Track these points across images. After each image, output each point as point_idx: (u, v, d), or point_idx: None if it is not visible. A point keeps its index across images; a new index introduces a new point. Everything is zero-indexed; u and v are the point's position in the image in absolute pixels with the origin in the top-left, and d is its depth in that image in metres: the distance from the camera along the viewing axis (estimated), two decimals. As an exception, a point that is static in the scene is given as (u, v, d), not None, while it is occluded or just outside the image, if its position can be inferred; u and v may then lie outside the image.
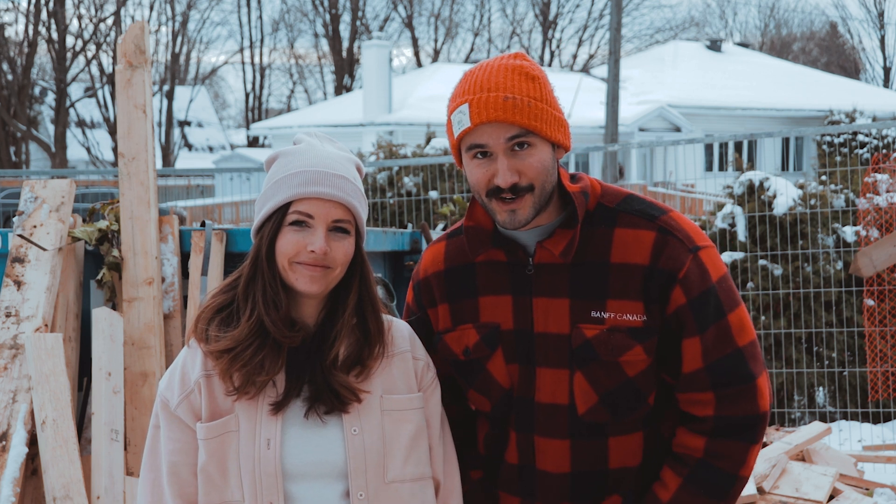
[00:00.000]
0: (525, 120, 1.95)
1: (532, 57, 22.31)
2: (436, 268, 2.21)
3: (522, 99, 1.95)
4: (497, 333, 2.10)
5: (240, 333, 1.98)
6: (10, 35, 32.87)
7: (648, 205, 2.08)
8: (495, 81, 1.97)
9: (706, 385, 2.02)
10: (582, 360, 2.02)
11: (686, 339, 2.02)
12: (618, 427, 2.06)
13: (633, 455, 2.08)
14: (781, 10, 58.51)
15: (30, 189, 4.34)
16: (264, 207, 2.02)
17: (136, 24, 4.42)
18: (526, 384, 2.08)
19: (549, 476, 2.09)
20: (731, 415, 2.01)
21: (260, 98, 46.44)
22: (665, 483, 2.06)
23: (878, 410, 7.50)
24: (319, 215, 1.98)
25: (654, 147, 13.69)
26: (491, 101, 1.95)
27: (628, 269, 2.01)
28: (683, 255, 2.01)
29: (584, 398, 2.04)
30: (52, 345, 3.85)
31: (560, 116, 2.02)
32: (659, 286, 2.00)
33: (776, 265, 7.75)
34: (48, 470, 3.68)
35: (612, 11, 17.31)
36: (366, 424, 2.00)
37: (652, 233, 2.02)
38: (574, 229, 2.03)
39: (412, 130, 25.34)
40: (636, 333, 2.01)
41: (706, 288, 2.01)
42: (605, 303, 2.01)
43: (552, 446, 2.07)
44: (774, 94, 31.77)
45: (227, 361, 1.97)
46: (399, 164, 9.10)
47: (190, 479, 2.01)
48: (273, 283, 2.00)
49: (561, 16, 44.97)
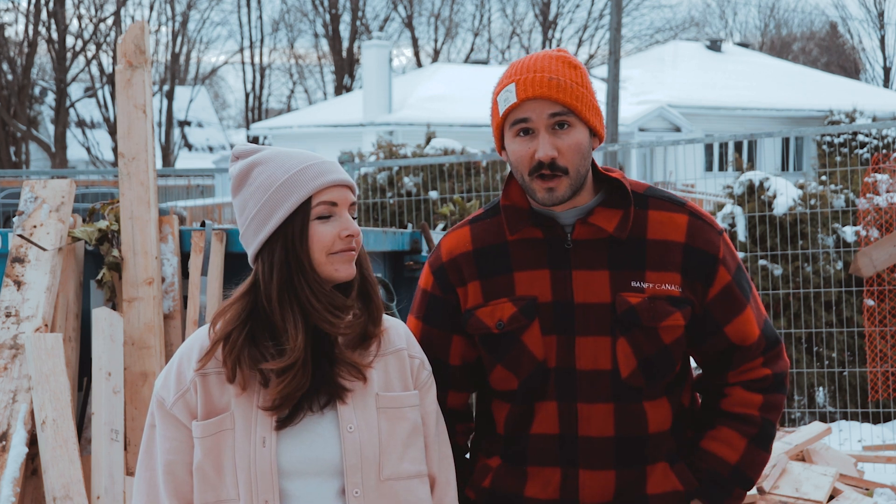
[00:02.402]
0: (568, 99, 2.09)
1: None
2: (463, 248, 2.26)
3: (565, 81, 2.09)
4: (534, 305, 2.17)
5: (295, 345, 1.96)
6: (10, 35, 32.87)
7: (671, 194, 2.26)
8: (541, 65, 2.11)
9: (761, 350, 2.22)
10: (626, 325, 2.14)
11: (741, 314, 2.20)
12: (650, 392, 2.19)
13: (665, 420, 2.21)
14: (781, 10, 58.46)
15: (30, 189, 4.34)
16: (275, 214, 1.99)
17: (136, 24, 4.42)
18: (566, 354, 2.16)
19: (593, 441, 2.17)
20: (779, 371, 2.24)
21: (260, 98, 46.42)
22: (731, 444, 2.22)
23: (878, 410, 7.50)
24: (341, 201, 2.02)
25: (654, 147, 13.69)
26: (537, 80, 2.09)
27: (665, 245, 2.17)
28: (716, 238, 2.20)
29: (626, 363, 2.15)
30: (52, 345, 3.85)
31: (598, 105, 2.16)
32: (701, 266, 2.18)
33: (776, 265, 7.75)
34: (48, 470, 3.68)
35: (612, 11, 17.31)
36: (361, 422, 2.01)
37: (684, 216, 2.20)
38: (625, 209, 2.17)
39: (412, 130, 25.33)
40: (675, 301, 2.16)
41: (738, 263, 2.24)
42: (644, 273, 2.15)
43: (597, 411, 2.16)
44: (774, 94, 31.75)
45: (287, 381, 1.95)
46: (399, 164, 9.10)
47: (185, 478, 2.01)
48: (321, 280, 2.00)
49: (561, 16, 44.95)
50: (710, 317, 2.19)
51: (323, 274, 2.00)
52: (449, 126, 24.49)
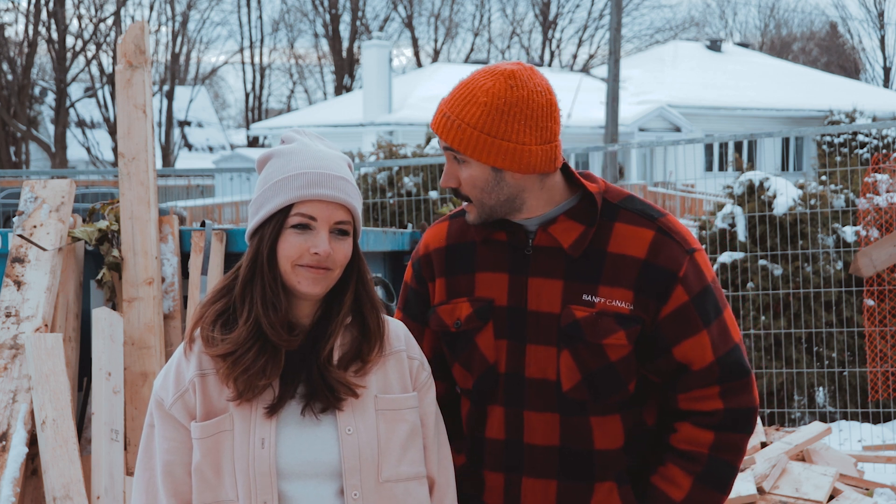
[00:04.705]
0: (451, 140, 2.09)
1: (532, 57, 22.16)
2: (438, 244, 2.30)
3: (454, 122, 2.08)
4: (490, 308, 2.18)
5: (238, 336, 1.98)
6: (10, 35, 32.89)
7: (648, 206, 2.19)
8: (452, 97, 2.12)
9: (714, 379, 2.12)
10: (569, 338, 2.11)
11: (693, 337, 2.12)
12: (598, 407, 2.14)
13: (615, 437, 2.16)
14: (781, 10, 58.51)
15: (30, 189, 4.34)
16: (262, 209, 2.01)
17: (136, 24, 4.42)
18: (516, 360, 2.16)
19: (536, 449, 2.16)
20: (736, 407, 2.12)
21: (260, 98, 46.43)
22: (676, 482, 2.13)
23: (878, 410, 7.50)
24: (322, 217, 1.98)
25: (654, 147, 13.69)
26: (438, 113, 2.13)
27: (623, 260, 2.11)
28: (681, 256, 2.12)
29: (568, 376, 2.12)
30: (52, 345, 3.86)
31: (502, 143, 2.06)
32: (658, 283, 2.10)
33: (776, 265, 7.75)
34: (48, 470, 3.68)
35: (612, 11, 17.32)
36: (360, 424, 2.00)
37: (651, 231, 2.13)
38: (587, 226, 2.13)
39: (412, 130, 25.35)
40: (622, 319, 2.10)
41: (705, 286, 2.14)
42: (597, 287, 2.11)
43: (542, 419, 2.15)
44: (774, 94, 31.77)
45: (229, 366, 1.97)
46: (399, 164, 9.10)
47: (184, 479, 2.01)
48: (273, 285, 1.99)
49: (561, 16, 44.97)
50: (661, 336, 2.12)
51: (288, 283, 2.00)
52: (449, 126, 24.43)
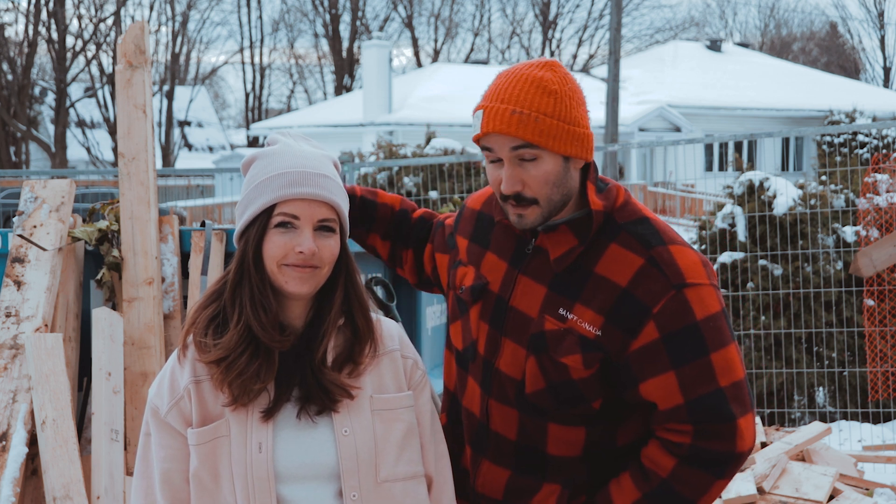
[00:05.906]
0: (529, 135, 2.00)
1: (532, 58, 22.02)
2: (474, 205, 2.36)
3: (530, 114, 2.00)
4: (484, 289, 2.20)
5: (230, 341, 1.97)
6: (10, 35, 32.89)
7: (654, 233, 2.08)
8: (510, 93, 2.03)
9: (683, 418, 2.03)
10: (535, 347, 2.10)
11: (659, 376, 2.02)
12: (559, 416, 2.11)
13: (572, 447, 2.13)
14: (781, 10, 58.55)
15: (30, 189, 4.34)
16: (247, 211, 2.02)
17: (136, 24, 4.42)
18: (492, 347, 2.17)
19: (499, 437, 2.18)
20: (706, 448, 2.02)
21: (260, 98, 46.44)
22: (624, 490, 2.09)
23: (878, 410, 7.50)
24: (305, 216, 1.98)
25: (654, 147, 13.68)
26: (500, 112, 2.01)
27: (605, 283, 2.05)
28: (663, 291, 2.01)
29: (533, 381, 2.11)
30: (52, 345, 3.86)
31: (576, 130, 2.04)
32: (629, 317, 2.02)
33: (776, 265, 7.75)
34: (48, 470, 3.68)
35: (612, 11, 17.32)
36: (356, 425, 2.00)
37: (641, 260, 2.04)
38: (577, 241, 2.09)
39: (412, 130, 25.35)
40: (585, 343, 2.05)
41: (687, 324, 2.01)
42: (573, 305, 2.07)
43: (503, 411, 2.16)
44: (774, 94, 31.78)
45: (222, 371, 1.96)
46: (399, 164, 9.10)
47: (182, 486, 2.01)
48: (261, 286, 1.99)
49: (561, 16, 44.97)
50: (629, 369, 2.04)
51: (275, 283, 2.00)
52: (449, 126, 24.50)
